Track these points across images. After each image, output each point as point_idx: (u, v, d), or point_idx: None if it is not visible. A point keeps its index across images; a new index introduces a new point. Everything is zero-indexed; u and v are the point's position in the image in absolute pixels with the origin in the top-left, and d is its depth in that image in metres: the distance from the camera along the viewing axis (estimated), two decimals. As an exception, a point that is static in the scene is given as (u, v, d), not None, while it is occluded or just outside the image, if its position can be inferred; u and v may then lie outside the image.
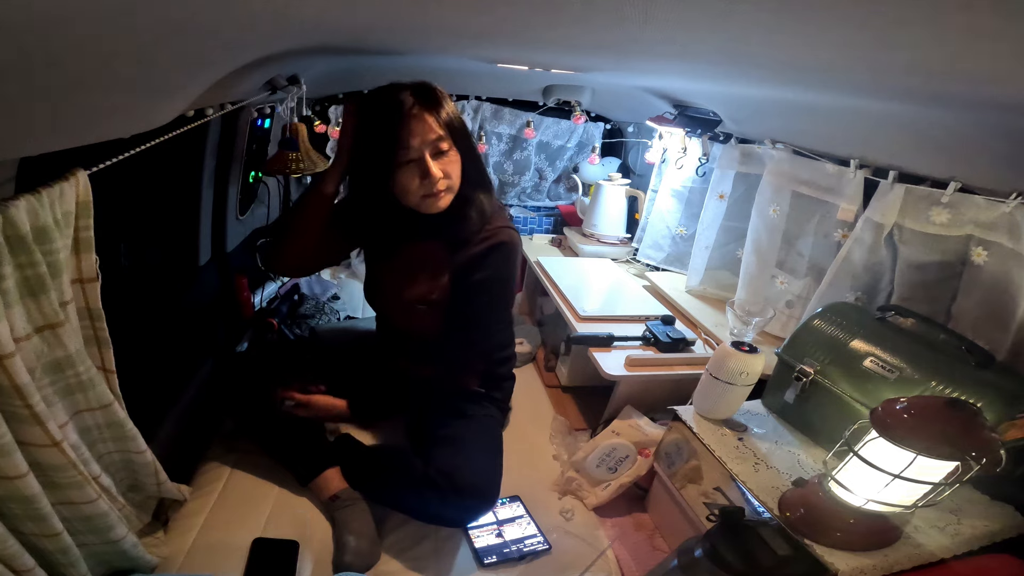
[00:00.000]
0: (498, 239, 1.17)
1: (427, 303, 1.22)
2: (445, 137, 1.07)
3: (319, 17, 0.67)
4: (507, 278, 1.21)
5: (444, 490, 1.08)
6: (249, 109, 1.46)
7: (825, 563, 0.83)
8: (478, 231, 1.17)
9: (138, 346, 1.16)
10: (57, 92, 0.57)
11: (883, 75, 0.68)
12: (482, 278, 1.17)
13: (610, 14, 0.51)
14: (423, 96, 1.07)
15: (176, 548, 1.05)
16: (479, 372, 1.35)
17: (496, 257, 1.17)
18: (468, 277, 1.18)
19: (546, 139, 2.40)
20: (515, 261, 1.21)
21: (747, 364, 1.08)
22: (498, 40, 0.87)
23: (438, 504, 1.10)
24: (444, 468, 1.11)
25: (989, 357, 0.93)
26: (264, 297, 2.01)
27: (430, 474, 1.10)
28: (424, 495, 1.11)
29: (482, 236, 1.17)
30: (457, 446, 1.18)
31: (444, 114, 1.07)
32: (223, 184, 1.52)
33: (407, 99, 1.05)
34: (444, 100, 1.09)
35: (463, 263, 1.18)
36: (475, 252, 1.16)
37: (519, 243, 1.22)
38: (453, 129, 1.09)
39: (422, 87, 1.08)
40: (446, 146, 1.08)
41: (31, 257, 0.69)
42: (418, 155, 1.06)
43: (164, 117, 0.89)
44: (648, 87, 1.67)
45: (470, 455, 1.17)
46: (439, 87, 1.11)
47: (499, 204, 1.28)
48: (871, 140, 1.21)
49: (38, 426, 0.71)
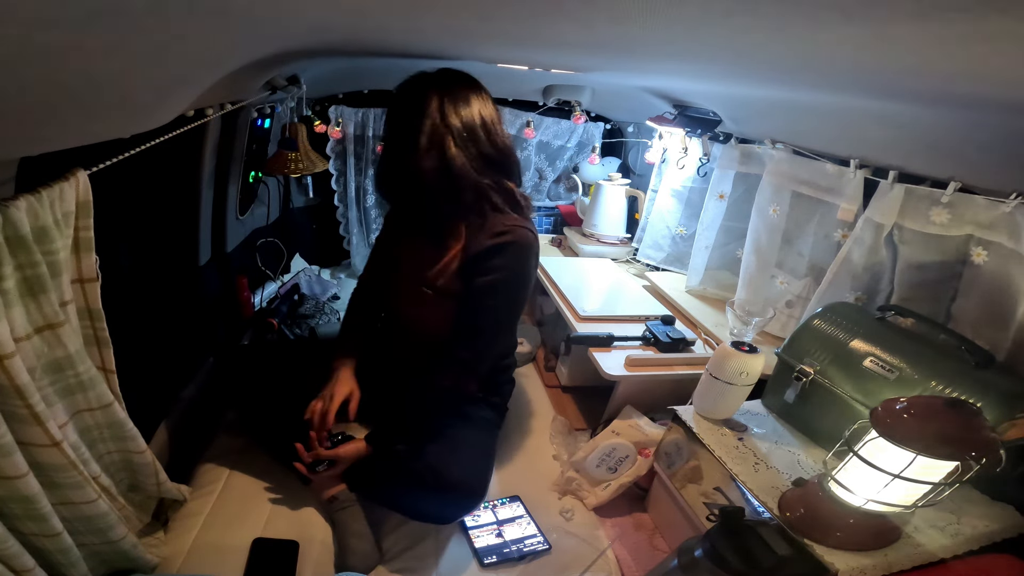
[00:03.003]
0: (510, 237, 1.11)
1: (433, 288, 1.18)
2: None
3: (318, 18, 0.67)
4: (516, 283, 1.15)
5: (433, 486, 1.09)
6: (249, 109, 1.46)
7: (825, 563, 0.83)
8: (492, 223, 1.13)
9: (138, 346, 1.16)
10: (57, 92, 0.57)
11: (883, 75, 0.68)
12: (491, 281, 1.12)
13: (611, 14, 0.51)
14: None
15: (176, 548, 1.05)
16: (481, 378, 1.34)
17: (506, 258, 1.12)
18: (476, 272, 1.13)
19: (546, 139, 2.40)
20: (526, 263, 1.15)
21: (747, 364, 1.08)
22: (498, 40, 0.87)
23: (426, 500, 1.11)
24: (435, 465, 1.11)
25: (989, 357, 0.93)
26: (264, 297, 2.01)
27: (420, 470, 1.10)
28: (413, 491, 1.11)
29: (498, 230, 1.12)
30: (449, 444, 1.18)
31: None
32: (223, 184, 1.52)
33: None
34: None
35: (473, 253, 1.13)
36: (487, 245, 1.12)
37: (533, 245, 1.15)
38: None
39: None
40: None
41: (31, 257, 0.69)
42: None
43: (164, 117, 0.89)
44: (648, 87, 1.67)
45: (461, 453, 1.17)
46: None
47: (525, 202, 1.20)
48: (871, 140, 1.21)
49: (38, 426, 0.71)
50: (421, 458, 1.13)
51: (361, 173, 2.28)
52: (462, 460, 1.16)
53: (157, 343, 1.38)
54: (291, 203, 2.31)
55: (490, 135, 1.12)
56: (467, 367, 1.17)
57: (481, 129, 1.11)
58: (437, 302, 1.19)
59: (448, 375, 1.17)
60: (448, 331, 1.19)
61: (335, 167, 2.24)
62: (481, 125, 1.10)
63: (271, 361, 1.33)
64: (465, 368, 1.17)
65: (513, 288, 1.15)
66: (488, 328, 1.17)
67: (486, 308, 1.15)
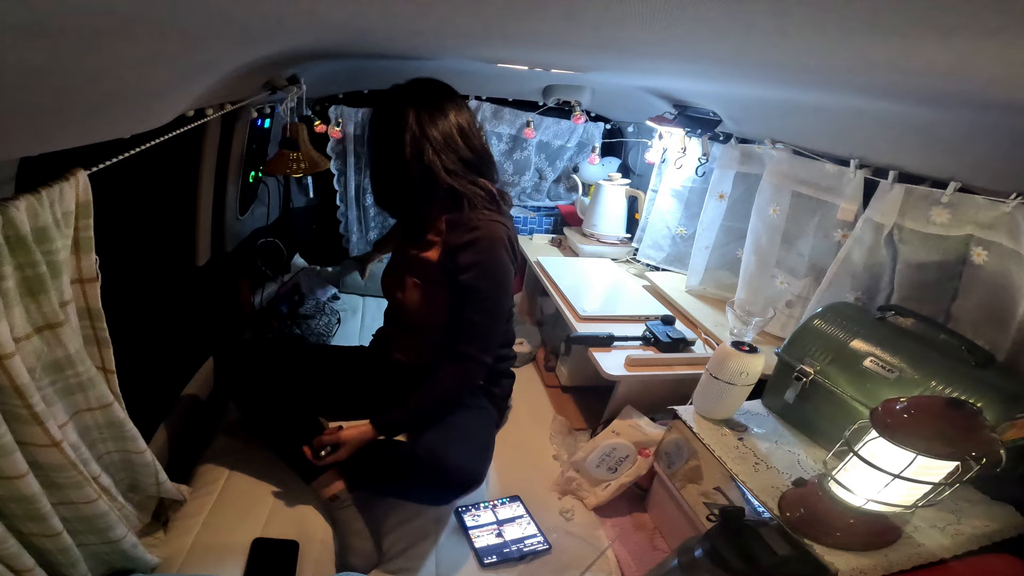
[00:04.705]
0: (480, 233, 1.18)
1: (418, 276, 1.28)
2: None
3: (318, 20, 0.67)
4: (495, 273, 1.20)
5: (432, 470, 1.10)
6: (249, 109, 1.46)
7: (825, 563, 0.83)
8: (468, 218, 1.20)
9: (138, 346, 1.16)
10: (57, 92, 0.57)
11: (883, 75, 0.68)
12: (472, 276, 1.19)
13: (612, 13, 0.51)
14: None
15: (176, 548, 1.05)
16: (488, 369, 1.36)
17: (480, 252, 1.18)
18: (456, 265, 1.20)
19: (546, 139, 2.40)
20: (499, 253, 1.20)
21: (747, 364, 1.08)
22: (498, 40, 0.87)
23: (424, 484, 1.12)
24: (432, 448, 1.13)
25: (989, 357, 0.93)
26: (264, 297, 2.01)
27: (417, 452, 1.12)
28: (413, 475, 1.12)
29: (472, 225, 1.19)
30: (446, 430, 1.20)
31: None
32: (223, 184, 1.52)
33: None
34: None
35: (451, 246, 1.21)
36: (462, 240, 1.19)
37: (503, 236, 1.20)
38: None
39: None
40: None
41: (31, 257, 0.69)
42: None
43: (164, 117, 0.89)
44: (648, 87, 1.67)
45: (458, 438, 1.19)
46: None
47: (502, 197, 1.27)
48: (871, 140, 1.21)
49: (38, 426, 0.71)
50: (421, 443, 1.15)
51: (361, 173, 2.28)
52: (461, 446, 1.18)
53: (157, 343, 1.38)
54: (291, 203, 2.31)
55: (467, 139, 1.21)
56: (471, 360, 1.22)
57: (459, 135, 1.19)
58: (422, 289, 1.29)
59: (454, 369, 1.22)
60: (435, 316, 1.28)
61: (335, 167, 2.24)
62: (459, 131, 1.19)
63: (273, 356, 1.34)
64: (469, 361, 1.22)
65: (492, 278, 1.21)
66: (481, 320, 1.22)
67: (474, 302, 1.21)
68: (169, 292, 1.47)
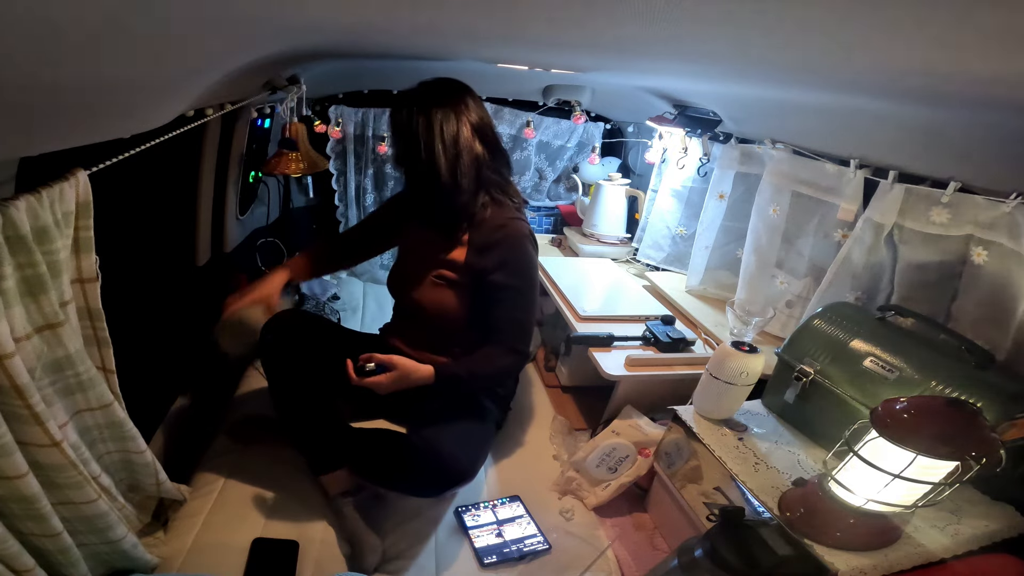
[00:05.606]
0: (507, 231, 1.22)
1: (444, 275, 1.28)
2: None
3: (318, 20, 0.67)
4: (525, 268, 1.24)
5: (423, 454, 1.10)
6: (249, 109, 1.46)
7: (825, 563, 0.83)
8: (493, 216, 1.24)
9: (138, 346, 1.16)
10: (57, 92, 0.57)
11: (884, 75, 0.68)
12: (504, 276, 1.21)
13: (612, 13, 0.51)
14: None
15: (176, 548, 1.05)
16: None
17: (509, 252, 1.22)
18: (484, 264, 1.22)
19: (546, 139, 2.40)
20: (526, 248, 1.24)
21: (747, 364, 1.08)
22: (498, 40, 0.87)
23: (415, 470, 1.12)
24: (428, 437, 1.13)
25: (989, 357, 0.93)
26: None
27: (414, 441, 1.13)
28: (405, 460, 1.13)
29: (498, 223, 1.23)
30: (445, 423, 1.21)
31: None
32: (223, 184, 1.52)
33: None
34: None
35: (477, 245, 1.24)
36: (489, 239, 1.23)
37: (528, 232, 1.26)
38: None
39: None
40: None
41: (31, 257, 0.69)
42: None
43: (164, 117, 0.89)
44: (648, 87, 1.67)
45: (455, 431, 1.20)
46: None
47: (515, 197, 1.31)
48: (871, 140, 1.21)
49: (38, 426, 0.71)
50: (419, 433, 1.17)
51: (361, 173, 2.28)
52: (457, 438, 1.18)
53: (157, 343, 1.38)
54: (291, 203, 2.31)
55: (484, 137, 1.21)
56: (520, 354, 1.25)
57: (477, 134, 1.19)
58: (448, 287, 1.28)
59: (509, 360, 1.24)
60: (459, 312, 1.28)
61: (335, 167, 2.24)
62: (477, 129, 1.19)
63: (313, 327, 1.34)
64: (519, 355, 1.24)
65: (524, 274, 1.25)
66: (520, 316, 1.25)
67: (510, 299, 1.23)
68: (169, 292, 1.47)
